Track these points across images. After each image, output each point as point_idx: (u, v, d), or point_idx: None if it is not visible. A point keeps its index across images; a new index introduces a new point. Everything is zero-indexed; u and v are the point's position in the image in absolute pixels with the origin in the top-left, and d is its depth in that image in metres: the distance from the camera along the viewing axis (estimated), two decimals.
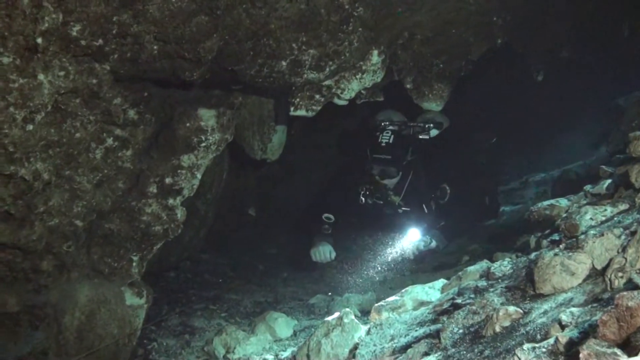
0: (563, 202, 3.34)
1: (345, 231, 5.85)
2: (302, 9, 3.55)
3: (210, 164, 4.23)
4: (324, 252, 5.12)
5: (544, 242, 2.94)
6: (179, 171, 3.84)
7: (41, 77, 2.95)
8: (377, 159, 5.12)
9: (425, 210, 5.26)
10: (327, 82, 3.98)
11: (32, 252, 3.43)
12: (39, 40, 2.86)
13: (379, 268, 5.13)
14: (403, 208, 5.22)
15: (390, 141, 5.09)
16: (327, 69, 3.85)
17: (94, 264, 3.72)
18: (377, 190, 5.13)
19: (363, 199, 5.15)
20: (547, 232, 3.15)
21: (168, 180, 3.82)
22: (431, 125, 5.34)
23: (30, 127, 3.01)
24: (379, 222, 5.46)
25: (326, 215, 5.37)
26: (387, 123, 5.25)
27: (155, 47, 3.29)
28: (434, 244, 4.97)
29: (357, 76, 4.03)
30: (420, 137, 5.32)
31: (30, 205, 3.26)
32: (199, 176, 3.93)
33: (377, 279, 5.08)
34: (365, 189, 5.15)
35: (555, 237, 2.86)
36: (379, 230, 5.60)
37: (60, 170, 3.30)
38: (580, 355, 1.41)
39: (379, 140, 5.11)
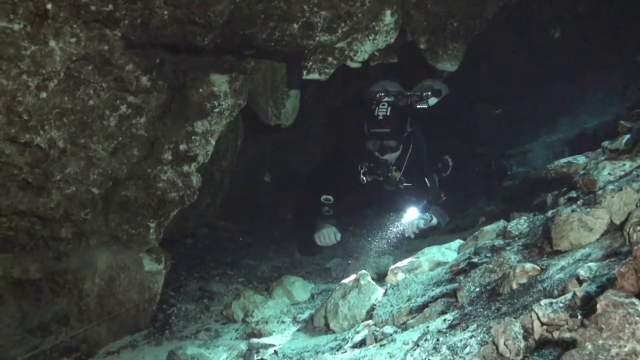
0: (580, 159, 3.30)
1: (345, 211, 5.60)
2: None
3: (224, 131, 4.23)
4: (329, 235, 4.87)
5: (562, 200, 2.90)
6: (193, 137, 3.84)
7: (52, 43, 2.95)
8: (375, 134, 4.80)
9: (428, 184, 5.00)
10: (339, 45, 3.93)
11: (50, 220, 3.47)
12: (49, 6, 2.86)
13: (376, 252, 4.91)
14: (405, 184, 5.00)
15: (388, 113, 4.76)
16: (339, 31, 3.79)
17: (111, 231, 3.75)
18: (378, 167, 4.92)
19: (364, 177, 4.95)
20: (564, 190, 3.12)
21: (182, 146, 3.82)
22: (429, 93, 5.08)
23: (43, 94, 3.02)
24: (380, 200, 5.28)
25: (325, 196, 5.11)
26: (383, 94, 4.96)
27: (165, 12, 3.26)
28: (434, 220, 4.63)
29: (370, 37, 3.97)
30: (419, 106, 5.06)
31: (47, 174, 3.29)
32: (213, 142, 3.93)
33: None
34: (365, 166, 4.95)
35: (573, 194, 2.82)
36: (379, 208, 5.44)
37: (75, 138, 3.31)
38: (598, 305, 1.40)
39: (376, 114, 4.78)
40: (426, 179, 4.98)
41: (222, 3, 3.33)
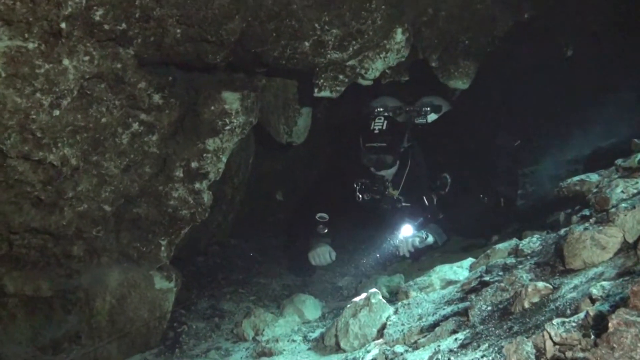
0: (593, 177, 3.27)
1: (340, 230, 5.38)
2: None
3: (235, 148, 4.24)
4: (323, 254, 4.67)
5: (574, 218, 2.88)
6: (204, 155, 3.85)
7: (66, 62, 2.98)
8: (371, 148, 4.62)
9: (426, 203, 4.79)
10: (350, 62, 3.95)
11: (62, 237, 3.48)
12: (63, 25, 2.89)
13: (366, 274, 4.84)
14: (403, 204, 4.80)
15: (384, 127, 4.60)
16: (351, 49, 3.81)
17: (123, 249, 3.76)
18: (374, 183, 4.72)
19: (360, 195, 4.75)
20: (577, 208, 3.09)
21: (194, 164, 3.84)
22: (428, 109, 4.90)
23: (57, 112, 3.05)
24: (376, 219, 5.05)
25: (320, 214, 4.89)
26: (381, 109, 4.78)
27: (178, 31, 3.29)
28: (430, 239, 4.43)
29: (381, 55, 3.98)
30: (417, 121, 4.90)
31: (59, 191, 3.31)
32: (224, 160, 3.94)
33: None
34: (361, 183, 4.75)
35: (586, 212, 2.80)
36: (375, 227, 5.18)
37: (87, 155, 3.33)
38: (610, 324, 1.38)
39: (372, 127, 4.63)
40: (425, 197, 4.81)
41: (234, 21, 3.36)
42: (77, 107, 3.15)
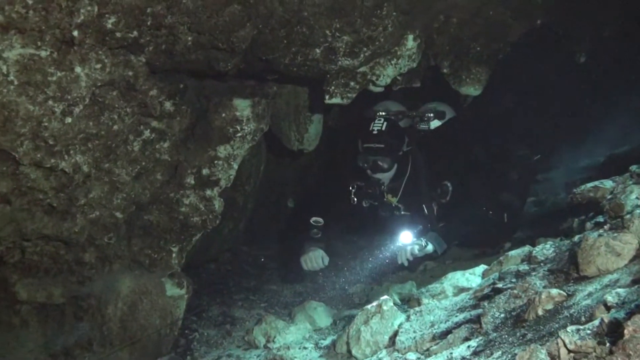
0: (608, 183, 3.23)
1: (335, 236, 5.25)
2: None
3: (247, 155, 4.25)
4: (316, 259, 4.46)
5: (588, 225, 2.85)
6: (215, 162, 3.86)
7: (78, 69, 3.00)
8: (368, 149, 4.47)
9: (426, 212, 4.63)
10: (361, 69, 3.94)
11: (75, 245, 3.49)
12: (75, 33, 2.91)
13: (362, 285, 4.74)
14: (402, 212, 4.65)
15: (383, 128, 4.45)
16: (362, 55, 3.80)
17: (134, 256, 3.77)
18: (370, 186, 4.57)
19: (355, 198, 4.61)
20: (591, 214, 3.06)
21: (205, 171, 3.85)
22: (431, 115, 4.73)
23: (69, 120, 3.07)
24: (374, 226, 4.92)
25: (314, 218, 4.70)
26: (383, 113, 4.63)
27: (189, 38, 3.30)
28: (430, 247, 4.23)
29: (393, 62, 3.98)
30: (420, 127, 4.76)
31: (71, 198, 3.32)
32: (235, 166, 3.94)
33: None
34: (357, 186, 4.62)
35: (600, 219, 2.77)
36: (373, 234, 5.10)
37: (99, 162, 3.34)
38: (625, 331, 1.35)
39: (370, 128, 4.48)
40: (424, 206, 4.65)
41: (245, 29, 3.37)
42: (89, 115, 3.17)
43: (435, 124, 4.82)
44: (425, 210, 4.61)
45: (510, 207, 5.13)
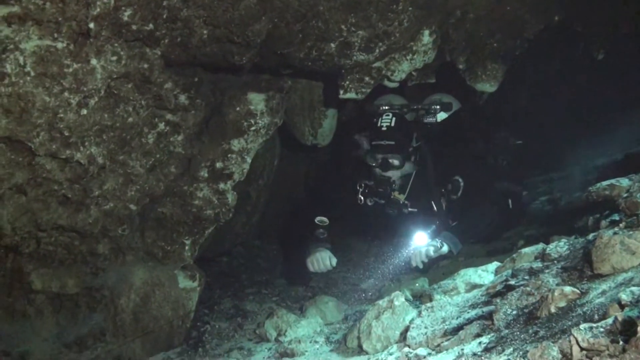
0: (624, 181, 3.20)
1: (341, 236, 5.18)
2: None
3: (260, 150, 4.25)
4: (323, 260, 4.28)
5: (603, 223, 2.83)
6: (229, 155, 3.87)
7: (94, 62, 3.01)
8: (378, 146, 4.29)
9: (435, 209, 4.46)
10: (376, 64, 3.94)
11: (89, 235, 3.52)
12: (92, 25, 2.93)
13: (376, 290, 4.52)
14: (409, 209, 4.44)
15: (392, 124, 4.26)
16: (377, 50, 3.80)
17: (147, 248, 3.79)
18: (379, 185, 4.38)
19: (362, 197, 4.45)
20: (606, 212, 3.03)
21: (219, 164, 3.86)
22: (437, 107, 4.57)
23: (84, 111, 3.09)
24: (381, 225, 4.77)
25: (319, 218, 4.51)
26: (387, 107, 4.49)
27: (204, 32, 3.31)
28: (445, 248, 4.01)
29: (408, 57, 3.97)
30: (426, 121, 4.60)
31: (86, 189, 3.34)
32: (249, 160, 3.95)
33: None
34: (364, 185, 4.46)
35: (615, 217, 2.75)
36: (380, 234, 4.97)
37: (114, 154, 3.36)
38: (639, 328, 1.34)
39: (379, 124, 4.28)
40: (433, 202, 4.48)
41: (261, 22, 3.37)
42: (104, 107, 3.19)
43: (442, 116, 4.68)
44: (434, 207, 4.47)
45: (511, 193, 5.03)
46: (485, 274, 3.23)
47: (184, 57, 3.43)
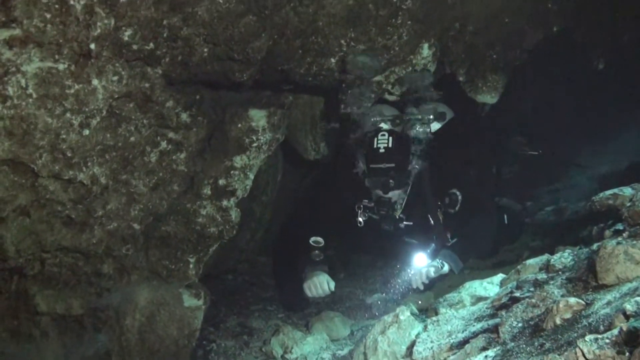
0: (627, 190, 3.19)
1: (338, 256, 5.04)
2: (350, 5, 3.54)
3: (263, 165, 4.25)
4: (321, 284, 4.07)
5: (607, 232, 2.81)
6: (232, 172, 3.87)
7: (95, 82, 3.03)
8: (377, 170, 4.07)
9: (432, 222, 4.26)
10: (377, 78, 3.94)
11: (93, 256, 3.52)
12: (93, 46, 2.95)
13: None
14: (405, 222, 4.24)
15: (390, 145, 4.04)
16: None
17: (152, 266, 3.78)
18: (380, 206, 4.16)
19: (361, 220, 4.26)
20: (610, 222, 3.02)
21: (221, 181, 3.86)
22: (430, 117, 4.25)
23: (86, 132, 3.10)
24: (377, 242, 4.60)
25: (314, 239, 4.31)
26: (378, 119, 4.22)
27: (205, 50, 3.33)
28: (446, 268, 3.87)
29: (408, 70, 3.97)
30: (420, 132, 4.27)
31: (89, 210, 3.35)
32: (251, 177, 3.95)
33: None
34: (364, 207, 4.26)
35: (619, 226, 2.73)
36: (377, 252, 4.81)
37: (116, 174, 3.37)
38: None
39: (375, 146, 4.06)
40: (430, 215, 4.27)
41: (261, 39, 3.39)
42: (106, 127, 3.20)
43: (435, 126, 4.45)
44: (431, 221, 4.27)
45: (508, 210, 4.88)
46: (490, 286, 3.22)
47: (185, 75, 3.44)
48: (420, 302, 4.16)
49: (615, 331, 1.66)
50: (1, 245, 3.18)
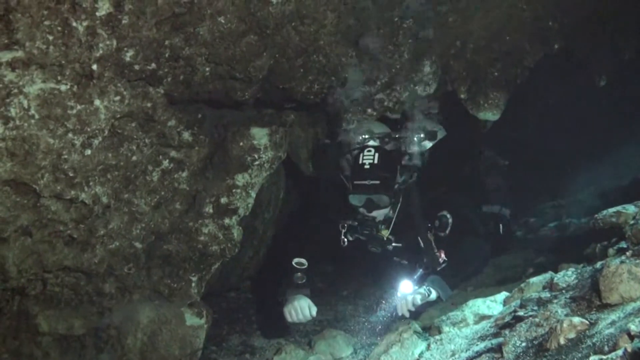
0: (630, 208, 3.18)
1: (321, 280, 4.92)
2: (350, 24, 3.56)
3: (265, 183, 4.25)
4: (302, 309, 3.83)
5: (611, 251, 2.80)
6: (233, 190, 3.87)
7: (97, 102, 3.05)
8: (361, 186, 3.86)
9: (422, 245, 4.02)
10: (378, 96, 3.95)
11: (94, 275, 3.51)
12: (95, 66, 2.97)
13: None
14: (394, 244, 4.07)
15: (375, 161, 3.85)
16: (378, 82, 3.82)
17: (154, 285, 3.77)
18: (364, 226, 4.00)
19: (345, 239, 4.07)
20: (613, 240, 3.00)
21: (223, 200, 3.86)
22: (422, 135, 4.11)
23: (88, 152, 3.11)
24: (364, 264, 4.46)
25: (297, 260, 4.08)
26: (367, 137, 4.05)
27: (207, 69, 3.35)
28: (433, 295, 3.68)
29: (409, 88, 3.98)
30: (409, 151, 4.12)
31: (91, 229, 3.35)
32: (253, 195, 3.95)
33: None
34: (347, 226, 4.07)
35: (623, 245, 2.72)
36: (364, 275, 4.68)
37: (118, 193, 3.37)
38: None
39: (360, 162, 3.88)
40: (420, 238, 4.04)
41: (262, 58, 3.41)
42: (108, 146, 3.21)
43: (426, 145, 4.22)
44: (421, 243, 4.04)
45: (501, 218, 4.76)
46: (494, 305, 3.19)
47: (187, 94, 3.46)
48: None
49: (620, 352, 1.65)
50: (3, 266, 3.17)
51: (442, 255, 3.94)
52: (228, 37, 3.25)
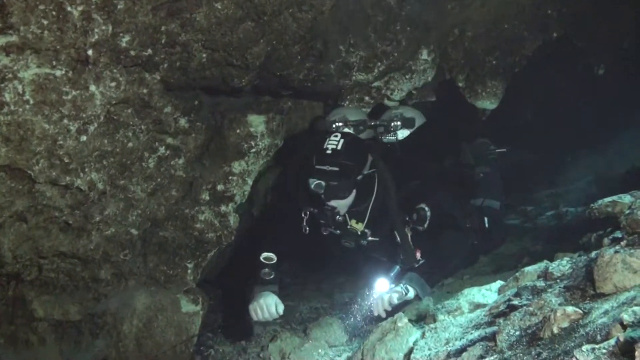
0: (626, 198, 3.18)
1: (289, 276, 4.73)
2: (349, 10, 3.54)
3: (263, 171, 4.24)
4: (268, 307, 3.56)
5: (605, 240, 2.80)
6: (230, 178, 3.87)
7: (93, 88, 3.03)
8: (320, 172, 3.54)
9: (398, 239, 3.74)
10: (376, 84, 3.94)
11: (90, 262, 3.51)
12: (90, 52, 2.95)
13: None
14: (369, 238, 3.81)
15: (339, 147, 3.53)
16: (376, 70, 3.81)
17: (150, 272, 3.78)
18: (322, 215, 3.68)
19: (306, 227, 3.78)
20: (608, 230, 3.01)
21: (220, 187, 3.86)
22: (398, 123, 3.89)
23: (84, 138, 3.09)
24: (337, 260, 4.19)
25: (265, 254, 3.77)
26: (340, 124, 3.79)
27: (203, 55, 3.33)
28: (411, 293, 3.44)
29: (407, 76, 3.98)
30: (385, 140, 3.93)
31: (87, 215, 3.34)
32: (250, 182, 3.95)
33: None
34: (307, 213, 3.78)
35: (618, 234, 2.72)
36: (336, 271, 4.52)
37: (114, 180, 3.37)
38: (637, 352, 1.32)
39: (324, 146, 3.57)
40: (397, 232, 3.76)
41: (259, 45, 3.39)
42: (103, 133, 3.20)
43: (403, 133, 4.01)
44: (398, 238, 3.77)
45: (488, 210, 4.48)
46: (489, 293, 3.20)
47: (184, 81, 3.44)
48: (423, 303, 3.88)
49: (613, 341, 1.65)
50: None
51: (418, 254, 3.75)
52: (225, 24, 3.23)
